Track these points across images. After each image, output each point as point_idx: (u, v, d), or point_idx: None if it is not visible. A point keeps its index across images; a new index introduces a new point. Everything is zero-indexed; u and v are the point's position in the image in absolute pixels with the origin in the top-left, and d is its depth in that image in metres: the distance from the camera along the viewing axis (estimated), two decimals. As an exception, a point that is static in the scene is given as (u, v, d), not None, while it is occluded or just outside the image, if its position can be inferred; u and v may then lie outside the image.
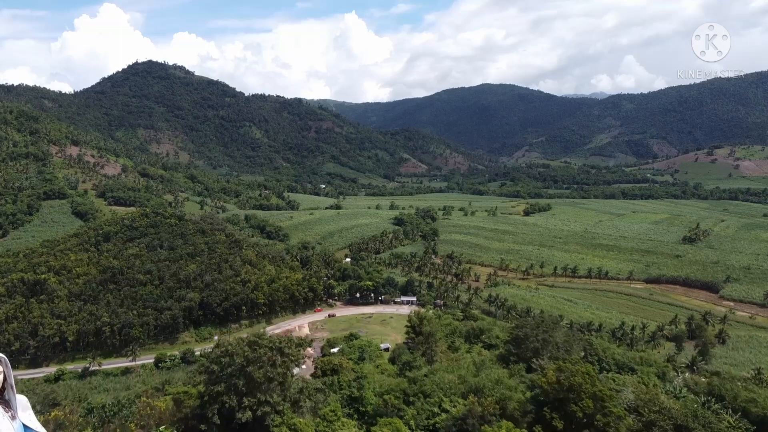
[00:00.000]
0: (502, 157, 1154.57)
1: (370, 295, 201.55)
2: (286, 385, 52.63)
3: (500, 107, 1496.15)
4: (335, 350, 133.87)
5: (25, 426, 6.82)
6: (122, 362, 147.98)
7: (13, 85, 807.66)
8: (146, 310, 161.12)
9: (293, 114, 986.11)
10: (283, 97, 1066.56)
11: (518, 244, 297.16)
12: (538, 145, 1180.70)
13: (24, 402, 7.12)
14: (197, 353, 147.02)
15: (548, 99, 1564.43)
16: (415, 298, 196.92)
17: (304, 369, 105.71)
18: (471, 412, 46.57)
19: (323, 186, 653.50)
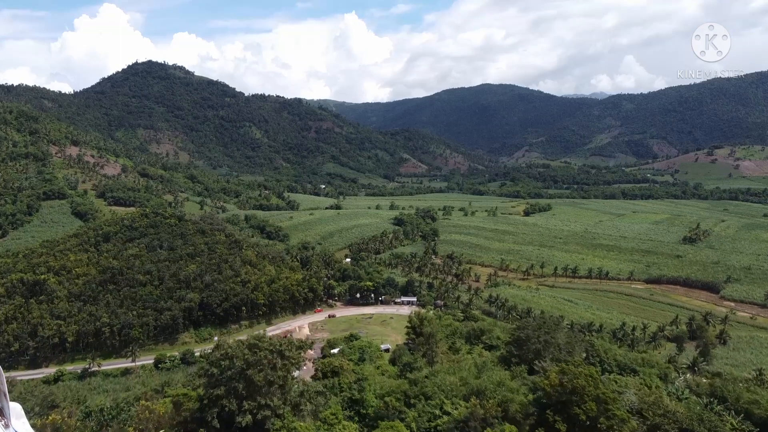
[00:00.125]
0: (502, 157, 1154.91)
1: (371, 296, 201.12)
2: (287, 389, 52.14)
3: (500, 107, 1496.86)
4: (335, 351, 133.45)
5: None
6: (122, 363, 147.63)
7: (12, 85, 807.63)
8: (146, 310, 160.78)
9: (293, 114, 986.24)
10: (283, 98, 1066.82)
11: (518, 245, 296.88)
12: (538, 145, 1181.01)
13: (18, 410, 6.90)
14: (197, 354, 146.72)
15: (548, 99, 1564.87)
16: (415, 299, 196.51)
17: (304, 370, 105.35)
18: (473, 414, 46.26)
19: (323, 186, 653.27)
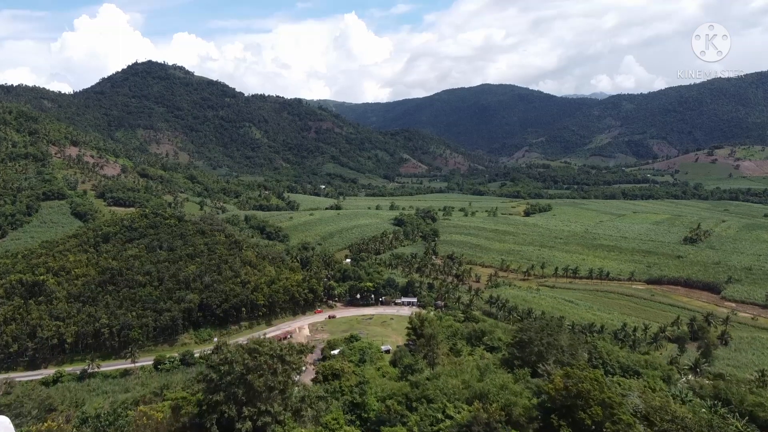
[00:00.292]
0: (502, 158, 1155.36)
1: (371, 296, 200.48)
2: (288, 394, 51.39)
3: (500, 107, 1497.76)
4: (336, 352, 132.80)
5: None
6: (121, 364, 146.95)
7: (12, 85, 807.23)
8: (145, 311, 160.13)
9: (293, 114, 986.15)
10: (283, 98, 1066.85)
11: (519, 245, 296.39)
12: (538, 146, 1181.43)
13: (6, 423, 6.43)
14: (197, 355, 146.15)
15: (548, 99, 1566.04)
16: (415, 300, 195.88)
17: (304, 371, 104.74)
18: (476, 418, 45.63)
19: (323, 186, 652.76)
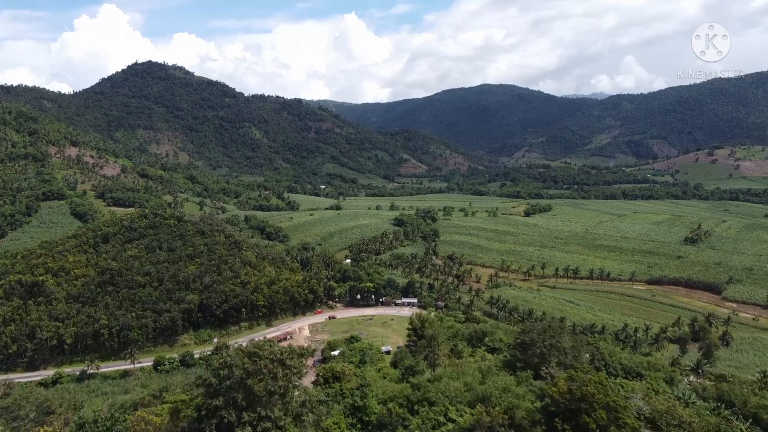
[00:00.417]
0: (502, 158, 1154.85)
1: (371, 297, 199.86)
2: (288, 398, 50.68)
3: (500, 107, 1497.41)
4: (336, 353, 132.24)
5: None
6: (121, 365, 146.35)
7: (12, 85, 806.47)
8: (145, 312, 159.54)
9: (293, 114, 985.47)
10: (283, 98, 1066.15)
11: (519, 245, 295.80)
12: (538, 146, 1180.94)
13: None
14: (196, 356, 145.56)
15: (548, 99, 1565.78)
16: (416, 300, 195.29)
17: (305, 374, 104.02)
18: (479, 422, 44.97)
19: (323, 186, 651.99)
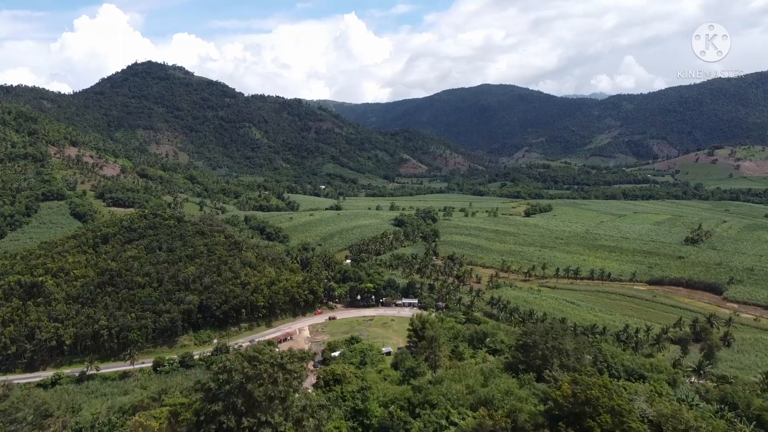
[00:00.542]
0: (502, 158, 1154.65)
1: (371, 298, 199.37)
2: (288, 403, 50.15)
3: (500, 108, 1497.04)
4: (336, 354, 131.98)
5: None
6: (120, 366, 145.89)
7: (12, 85, 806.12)
8: (144, 313, 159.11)
9: (293, 114, 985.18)
10: (283, 98, 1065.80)
11: (519, 246, 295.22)
12: (538, 146, 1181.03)
13: None
14: (196, 357, 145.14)
15: (548, 99, 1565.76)
16: (416, 301, 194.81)
17: (306, 378, 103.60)
18: (481, 426, 44.49)
19: (323, 187, 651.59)
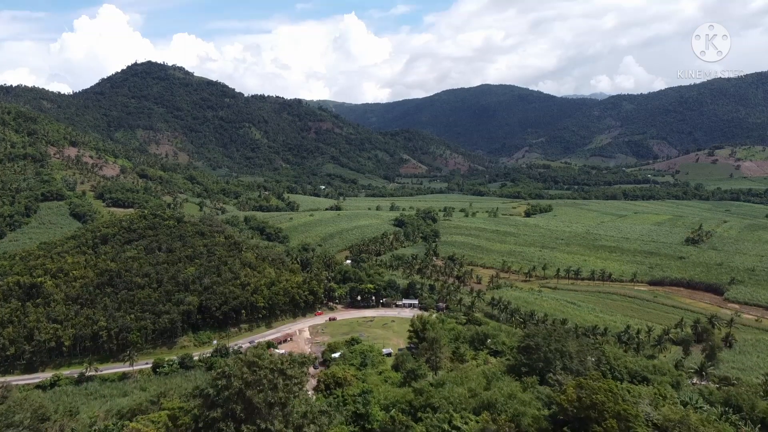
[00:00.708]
0: (502, 158, 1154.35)
1: (371, 298, 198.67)
2: (288, 410, 49.39)
3: (500, 108, 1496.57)
4: (336, 355, 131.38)
5: None
6: (119, 367, 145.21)
7: (11, 86, 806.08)
8: (144, 314, 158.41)
9: (293, 115, 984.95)
10: (283, 98, 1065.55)
11: (520, 246, 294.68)
12: (538, 146, 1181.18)
13: None
14: (196, 358, 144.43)
15: (548, 99, 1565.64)
16: (416, 301, 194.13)
17: (306, 382, 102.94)
18: (485, 431, 43.96)
19: (323, 187, 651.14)
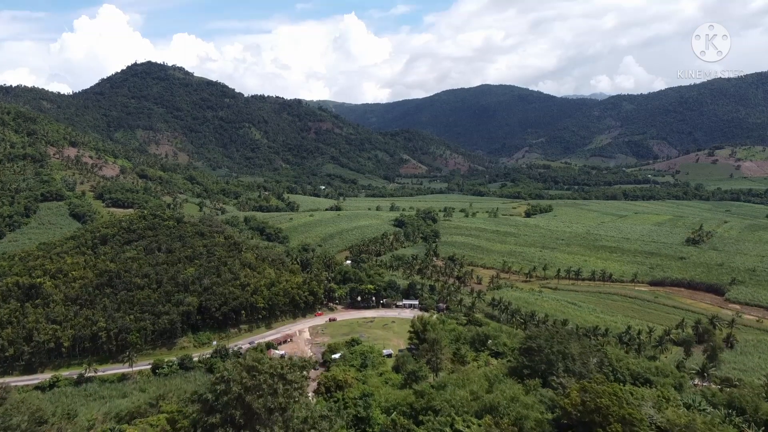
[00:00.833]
0: (502, 158, 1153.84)
1: (372, 299, 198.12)
2: (288, 415, 48.74)
3: (500, 108, 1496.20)
4: (337, 356, 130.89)
5: None
6: (119, 368, 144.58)
7: (11, 86, 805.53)
8: (143, 314, 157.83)
9: (293, 115, 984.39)
10: (283, 98, 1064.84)
11: (520, 246, 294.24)
12: (538, 146, 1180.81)
13: None
14: (195, 359, 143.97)
15: (548, 100, 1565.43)
16: (417, 302, 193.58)
17: (306, 386, 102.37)
18: (487, 434, 43.58)
19: (323, 187, 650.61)
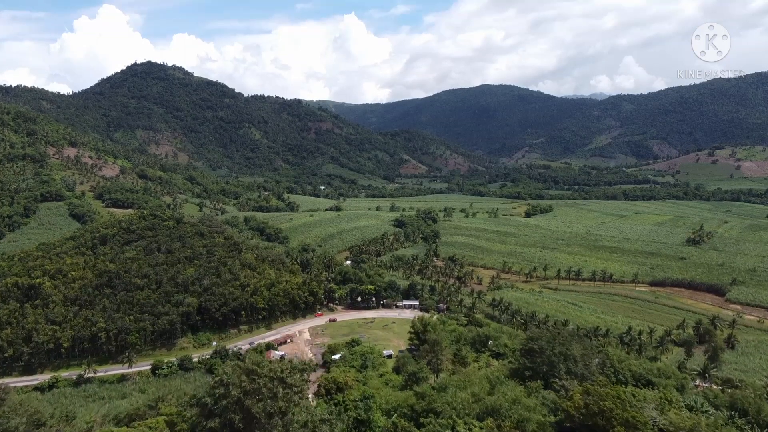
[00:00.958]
0: (502, 158, 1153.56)
1: (372, 299, 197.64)
2: (288, 419, 48.15)
3: (500, 108, 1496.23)
4: (337, 357, 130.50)
5: None
6: (118, 369, 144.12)
7: (11, 86, 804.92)
8: (143, 315, 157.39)
9: (293, 115, 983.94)
10: (283, 98, 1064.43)
11: (520, 246, 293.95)
12: (538, 146, 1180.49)
13: None
14: (195, 360, 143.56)
15: (548, 100, 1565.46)
16: (417, 302, 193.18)
17: (306, 390, 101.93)
18: (489, 437, 43.21)
19: (323, 187, 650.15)
